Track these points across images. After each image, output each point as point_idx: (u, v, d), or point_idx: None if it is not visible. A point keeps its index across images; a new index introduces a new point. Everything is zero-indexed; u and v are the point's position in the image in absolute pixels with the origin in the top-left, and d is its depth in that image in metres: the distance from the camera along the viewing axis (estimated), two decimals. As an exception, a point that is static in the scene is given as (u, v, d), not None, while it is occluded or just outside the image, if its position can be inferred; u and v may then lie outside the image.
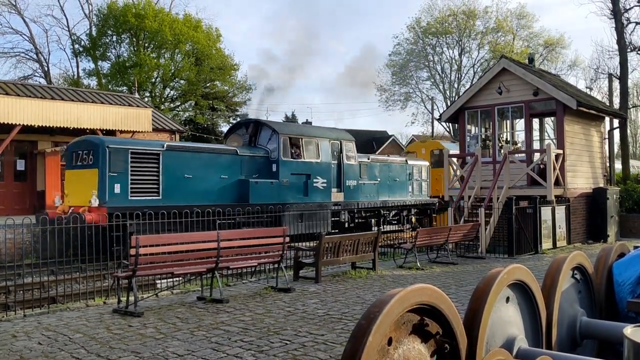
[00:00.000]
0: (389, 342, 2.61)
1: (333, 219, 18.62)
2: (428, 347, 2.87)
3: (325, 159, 18.98)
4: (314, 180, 18.44)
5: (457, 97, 40.36)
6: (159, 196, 14.93)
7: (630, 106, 34.86)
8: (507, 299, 3.55)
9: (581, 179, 17.93)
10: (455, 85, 49.59)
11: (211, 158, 16.41)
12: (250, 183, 16.52)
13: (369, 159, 21.68)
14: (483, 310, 3.18)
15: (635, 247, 5.27)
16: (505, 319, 3.48)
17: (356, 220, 20.06)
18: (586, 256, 4.58)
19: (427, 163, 25.10)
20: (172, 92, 44.36)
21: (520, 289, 3.67)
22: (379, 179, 21.62)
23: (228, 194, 16.45)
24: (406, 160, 23.89)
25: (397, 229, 21.35)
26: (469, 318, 3.21)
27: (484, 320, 3.17)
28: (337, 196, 19.21)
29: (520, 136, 19.24)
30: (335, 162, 19.40)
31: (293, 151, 17.98)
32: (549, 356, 3.12)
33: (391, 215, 21.92)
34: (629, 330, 2.78)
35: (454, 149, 26.32)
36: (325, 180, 18.80)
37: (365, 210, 20.24)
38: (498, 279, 3.35)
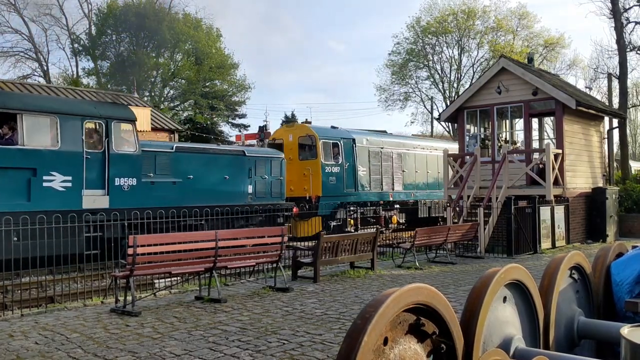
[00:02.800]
0: (385, 341, 2.59)
1: (90, 234, 11.88)
2: (424, 347, 2.85)
3: (72, 145, 13.02)
4: (46, 177, 12.56)
5: (456, 96, 40.36)
6: None
7: (630, 106, 34.88)
8: (504, 299, 3.53)
9: (580, 178, 17.92)
10: (455, 85, 49.62)
11: None
12: None
13: (172, 149, 15.73)
14: (480, 310, 3.17)
15: (634, 247, 5.25)
16: (502, 318, 3.47)
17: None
18: (584, 256, 4.57)
19: (281, 155, 18.94)
20: (171, 92, 44.38)
21: (518, 288, 3.66)
22: (191, 176, 15.59)
23: None
24: (244, 151, 17.71)
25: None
26: (465, 318, 3.19)
27: (481, 320, 3.16)
28: (96, 201, 13.32)
29: (520, 136, 19.23)
30: (96, 150, 13.48)
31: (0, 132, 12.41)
32: (546, 356, 3.11)
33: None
34: (626, 330, 2.77)
35: (328, 134, 20.74)
36: (69, 178, 12.93)
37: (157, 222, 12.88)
38: (495, 279, 3.33)
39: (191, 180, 15.63)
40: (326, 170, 20.01)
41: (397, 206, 22.21)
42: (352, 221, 20.38)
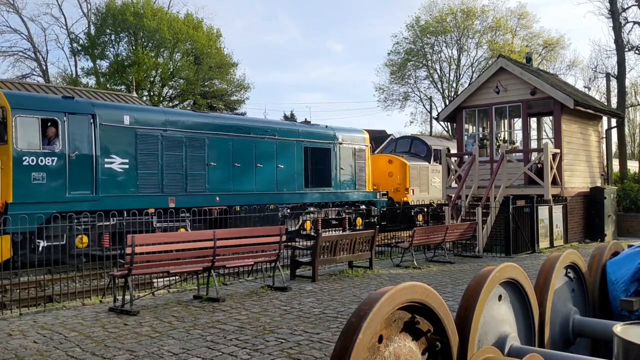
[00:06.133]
0: (380, 339, 2.61)
1: None
2: (419, 345, 2.87)
3: None
4: None
5: (455, 96, 40.35)
6: None
7: (628, 105, 34.89)
8: (500, 297, 3.55)
9: (579, 178, 17.95)
10: (454, 85, 49.63)
11: None
12: None
13: None
14: (475, 308, 3.19)
15: (630, 246, 5.28)
16: (497, 317, 3.49)
17: None
18: (579, 255, 4.59)
19: None
20: (170, 91, 44.34)
21: (513, 287, 3.68)
22: None
23: None
24: None
25: None
26: (460, 316, 3.21)
27: (476, 318, 3.18)
28: None
29: (518, 135, 19.27)
30: None
31: None
32: (541, 354, 3.13)
33: None
34: (619, 328, 2.79)
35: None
36: None
37: None
38: (490, 277, 3.35)
39: None
40: (25, 162, 12.31)
41: (186, 214, 14.48)
42: (84, 238, 12.80)
